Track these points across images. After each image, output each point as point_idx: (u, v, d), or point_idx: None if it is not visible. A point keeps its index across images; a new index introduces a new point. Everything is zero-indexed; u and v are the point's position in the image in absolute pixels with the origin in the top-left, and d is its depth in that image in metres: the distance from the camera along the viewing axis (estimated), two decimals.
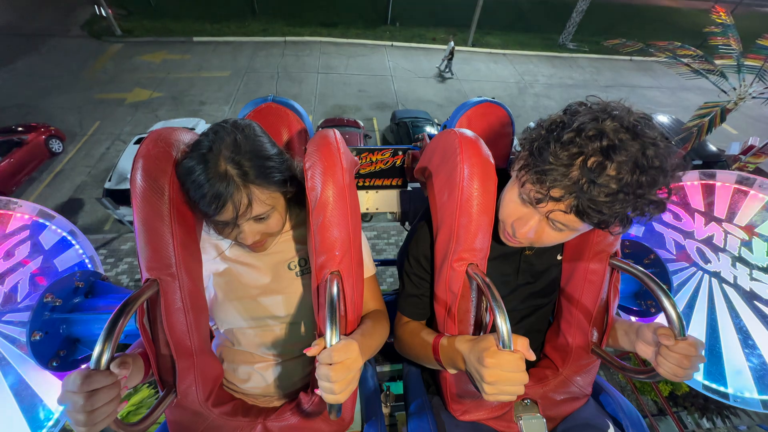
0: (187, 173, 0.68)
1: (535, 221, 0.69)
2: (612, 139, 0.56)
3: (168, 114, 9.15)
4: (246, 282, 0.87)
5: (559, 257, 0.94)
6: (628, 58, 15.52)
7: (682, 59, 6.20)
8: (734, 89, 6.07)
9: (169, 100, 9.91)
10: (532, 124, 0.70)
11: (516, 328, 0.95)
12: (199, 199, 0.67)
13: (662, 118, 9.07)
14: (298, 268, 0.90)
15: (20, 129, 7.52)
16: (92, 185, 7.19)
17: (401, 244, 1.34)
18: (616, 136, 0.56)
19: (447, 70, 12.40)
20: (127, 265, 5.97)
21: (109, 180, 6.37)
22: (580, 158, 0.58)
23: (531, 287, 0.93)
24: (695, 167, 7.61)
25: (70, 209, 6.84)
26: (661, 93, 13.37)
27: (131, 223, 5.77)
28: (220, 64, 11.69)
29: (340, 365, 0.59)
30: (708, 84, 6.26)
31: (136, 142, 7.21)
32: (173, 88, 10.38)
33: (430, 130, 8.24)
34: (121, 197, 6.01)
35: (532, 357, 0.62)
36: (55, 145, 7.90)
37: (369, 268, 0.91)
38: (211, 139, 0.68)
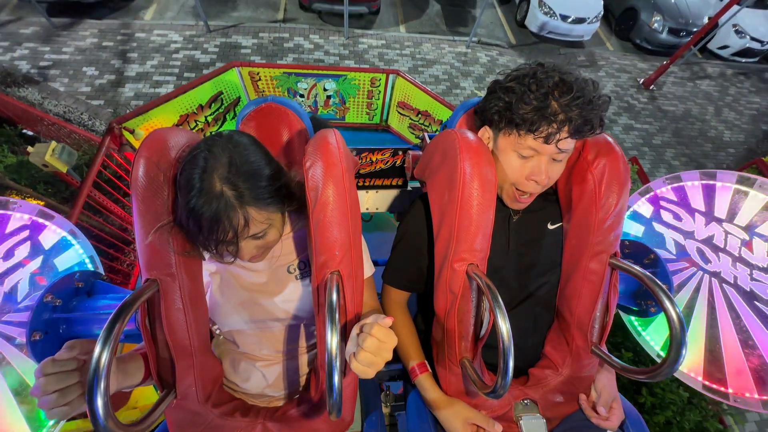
0: (185, 191, 0.66)
1: (545, 162, 0.81)
2: (559, 73, 0.76)
3: None
4: (245, 284, 0.87)
5: (550, 226, 0.96)
6: None
7: None
8: None
9: None
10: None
11: (512, 314, 0.94)
12: (195, 221, 0.65)
13: None
14: (297, 272, 0.89)
15: None
16: None
17: None
18: (556, 73, 0.76)
19: None
20: (28, 50, 4.97)
21: None
22: (548, 94, 0.74)
23: (525, 258, 0.95)
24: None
25: None
26: None
27: (43, 2, 4.65)
28: None
29: (381, 344, 0.61)
30: None
31: None
32: None
33: None
34: None
35: None
36: None
37: (367, 269, 0.91)
38: (204, 157, 0.66)
